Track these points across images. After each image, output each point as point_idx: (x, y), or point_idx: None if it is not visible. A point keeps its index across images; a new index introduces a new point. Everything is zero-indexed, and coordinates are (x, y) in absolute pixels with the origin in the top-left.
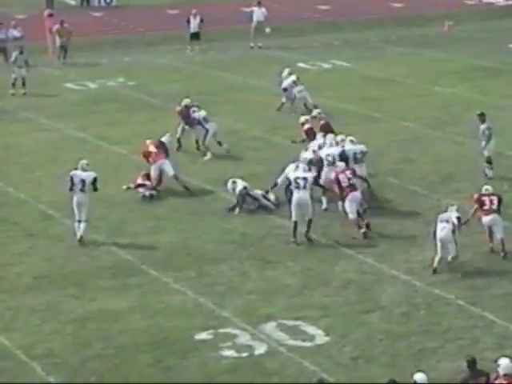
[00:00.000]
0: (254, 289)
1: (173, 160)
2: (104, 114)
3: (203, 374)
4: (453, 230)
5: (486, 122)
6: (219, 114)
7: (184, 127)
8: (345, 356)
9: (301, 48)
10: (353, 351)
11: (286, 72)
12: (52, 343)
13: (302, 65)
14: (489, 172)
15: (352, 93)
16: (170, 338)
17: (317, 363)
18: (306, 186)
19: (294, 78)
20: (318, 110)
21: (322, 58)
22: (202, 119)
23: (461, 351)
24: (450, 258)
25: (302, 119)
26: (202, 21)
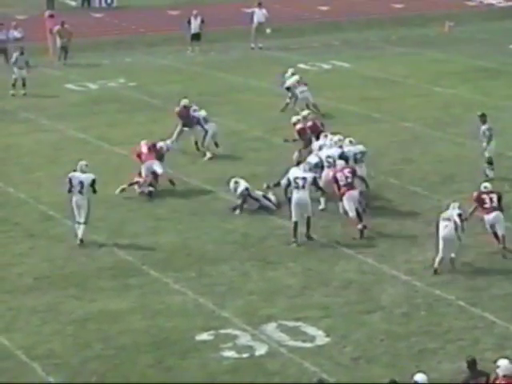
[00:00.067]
0: (254, 289)
1: (173, 160)
2: (105, 114)
3: (204, 374)
4: (455, 227)
5: (487, 123)
6: (220, 115)
7: (182, 129)
8: (345, 356)
9: (301, 49)
10: (353, 352)
11: (290, 72)
12: (52, 344)
13: (302, 65)
14: (489, 173)
15: (352, 93)
16: (171, 339)
17: (317, 364)
18: (305, 186)
19: (298, 77)
20: (307, 111)
21: (322, 59)
22: (201, 119)
23: (461, 352)
24: (452, 255)
25: (294, 119)
26: (202, 21)
